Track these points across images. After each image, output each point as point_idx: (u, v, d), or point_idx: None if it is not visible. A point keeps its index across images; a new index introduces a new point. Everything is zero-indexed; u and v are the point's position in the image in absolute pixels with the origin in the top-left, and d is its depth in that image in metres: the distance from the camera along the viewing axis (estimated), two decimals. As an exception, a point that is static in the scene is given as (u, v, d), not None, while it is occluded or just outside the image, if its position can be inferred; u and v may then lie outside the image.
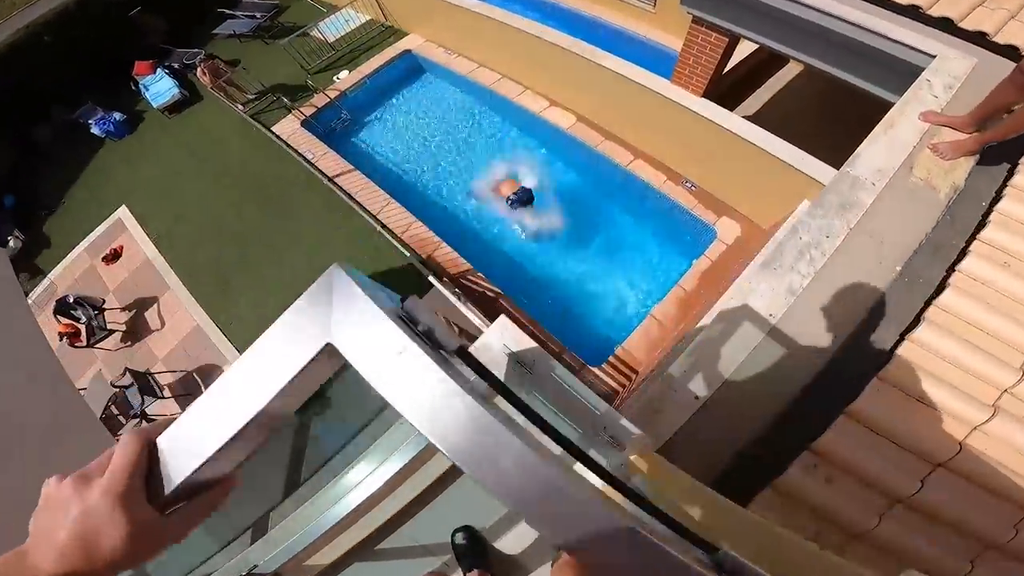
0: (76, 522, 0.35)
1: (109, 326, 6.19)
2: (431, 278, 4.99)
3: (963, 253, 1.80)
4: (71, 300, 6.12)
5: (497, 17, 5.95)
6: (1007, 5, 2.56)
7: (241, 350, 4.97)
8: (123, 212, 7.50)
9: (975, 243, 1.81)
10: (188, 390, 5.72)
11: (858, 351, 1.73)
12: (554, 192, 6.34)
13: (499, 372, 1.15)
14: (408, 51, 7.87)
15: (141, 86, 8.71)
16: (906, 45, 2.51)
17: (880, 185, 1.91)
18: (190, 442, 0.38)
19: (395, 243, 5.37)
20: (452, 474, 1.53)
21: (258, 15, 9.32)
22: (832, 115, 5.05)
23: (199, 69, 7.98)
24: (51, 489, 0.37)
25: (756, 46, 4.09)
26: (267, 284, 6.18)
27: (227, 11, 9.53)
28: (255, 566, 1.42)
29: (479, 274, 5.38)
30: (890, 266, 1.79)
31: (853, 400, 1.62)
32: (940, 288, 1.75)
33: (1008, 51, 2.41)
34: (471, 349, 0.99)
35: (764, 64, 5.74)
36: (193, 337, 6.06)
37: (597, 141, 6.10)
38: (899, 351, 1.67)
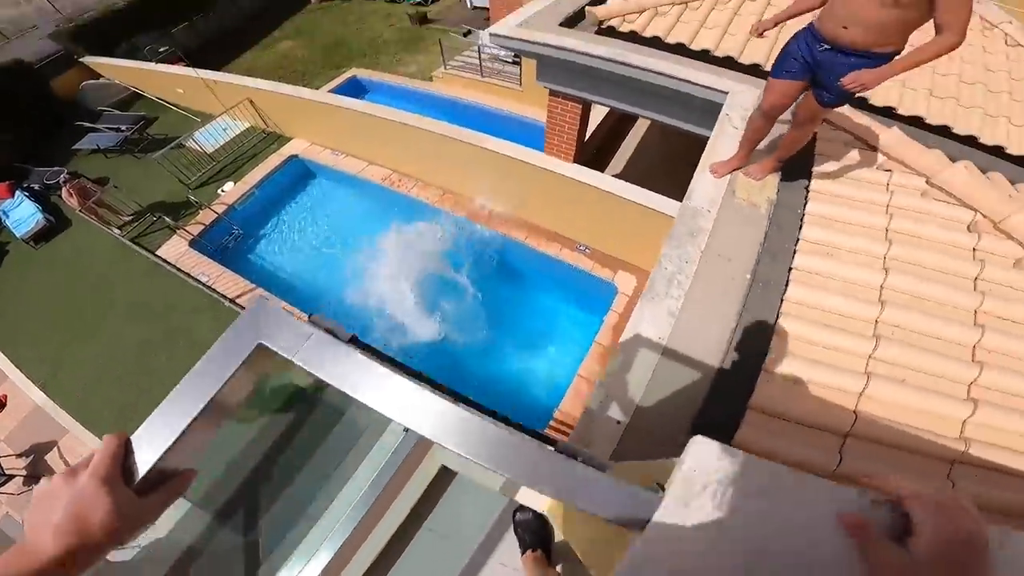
0: (69, 504, 0.41)
1: (8, 471, 5.40)
2: None
3: (794, 253, 2.15)
4: (-39, 451, 5.15)
5: (377, 114, 6.28)
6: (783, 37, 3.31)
7: None
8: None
9: (800, 243, 2.18)
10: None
11: (741, 351, 1.95)
12: (463, 280, 6.39)
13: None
14: (294, 156, 7.92)
15: (0, 212, 7.81)
16: (704, 86, 3.10)
17: (714, 211, 2.27)
18: (154, 437, 0.50)
19: None
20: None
21: (123, 127, 8.81)
22: (683, 158, 5.90)
23: (64, 190, 7.27)
24: (42, 486, 0.44)
25: (607, 110, 4.74)
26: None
27: (87, 124, 8.93)
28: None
29: (404, 365, 5.26)
30: (742, 276, 2.10)
31: (751, 395, 1.80)
32: (786, 285, 2.06)
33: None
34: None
35: (620, 124, 6.64)
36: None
37: (492, 222, 6.44)
38: (772, 343, 1.91)
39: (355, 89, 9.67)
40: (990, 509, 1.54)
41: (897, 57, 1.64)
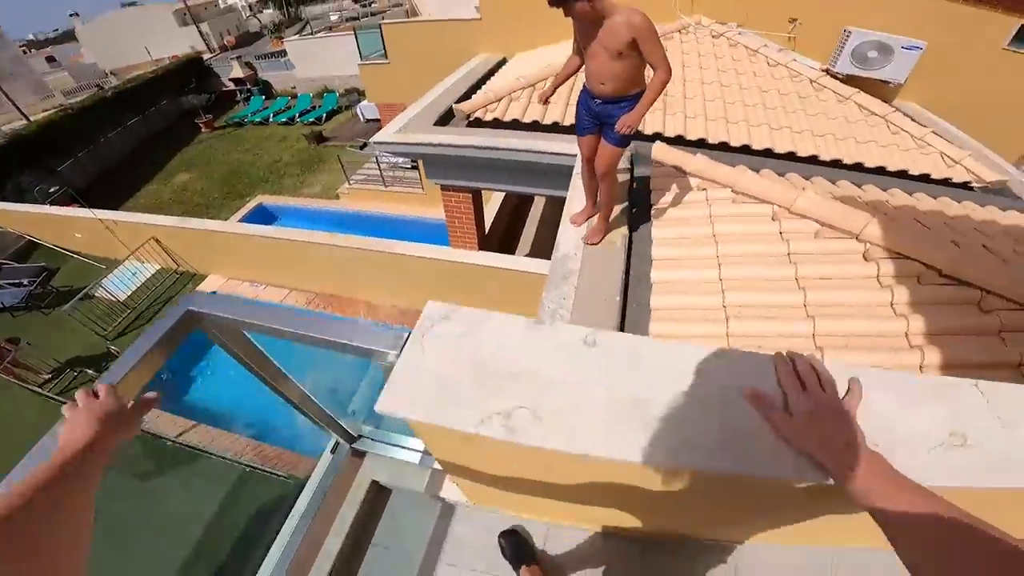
0: (88, 407, 0.65)
1: None
2: None
3: (649, 272, 2.56)
4: None
5: (287, 237, 6.56)
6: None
7: None
8: None
9: (653, 262, 2.60)
10: None
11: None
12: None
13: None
14: (213, 293, 7.90)
15: None
16: (555, 153, 3.70)
17: (579, 254, 2.67)
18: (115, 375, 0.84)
19: (267, 470, 5.14)
20: None
21: (25, 281, 8.48)
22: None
23: None
24: (70, 405, 0.66)
25: (503, 196, 5.32)
26: None
27: None
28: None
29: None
30: (612, 299, 2.45)
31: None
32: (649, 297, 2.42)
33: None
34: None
35: (522, 206, 7.33)
36: None
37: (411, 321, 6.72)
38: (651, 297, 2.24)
39: (263, 217, 9.99)
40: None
41: (643, 95, 2.13)
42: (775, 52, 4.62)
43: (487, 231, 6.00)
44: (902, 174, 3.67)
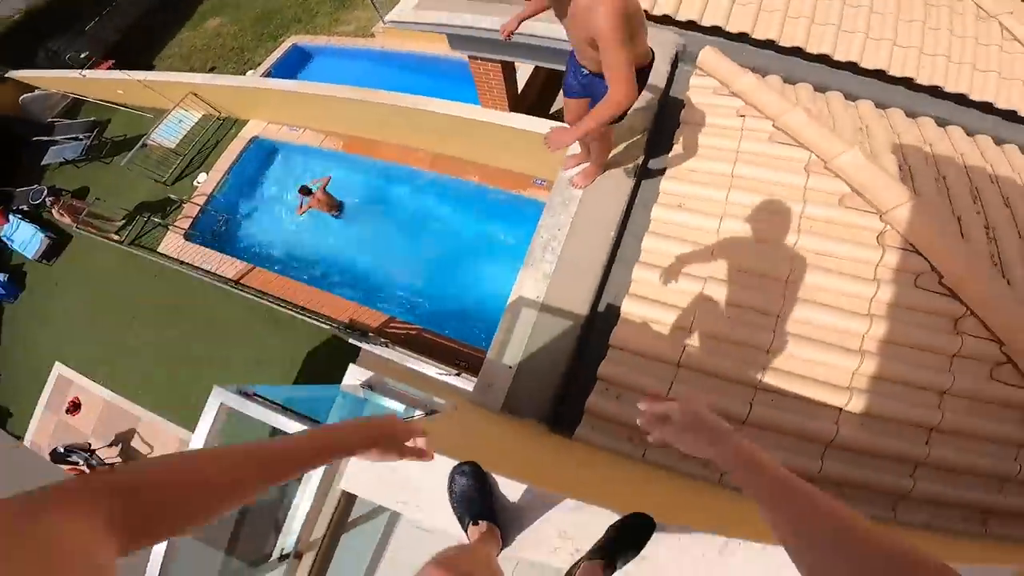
0: (393, 433, 0.73)
1: (107, 461, 6.44)
2: (352, 340, 5.44)
3: (652, 206, 2.51)
4: (62, 450, 6.30)
5: (318, 92, 6.39)
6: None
7: None
8: (60, 368, 7.36)
9: (659, 195, 2.52)
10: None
11: (606, 299, 2.40)
12: (435, 226, 6.90)
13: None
14: (255, 137, 8.09)
15: (4, 239, 8.34)
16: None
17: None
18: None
19: (316, 321, 5.78)
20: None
21: (80, 136, 9.07)
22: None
23: (55, 211, 7.77)
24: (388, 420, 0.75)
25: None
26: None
27: (45, 138, 9.19)
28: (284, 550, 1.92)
29: (396, 319, 5.96)
30: (606, 234, 2.47)
31: (611, 335, 2.26)
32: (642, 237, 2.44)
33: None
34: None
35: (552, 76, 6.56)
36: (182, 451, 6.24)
37: (454, 171, 6.73)
38: (631, 289, 2.34)
39: (299, 57, 9.52)
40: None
41: (587, 115, 1.75)
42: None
43: (519, 92, 5.61)
44: (1012, 115, 3.01)
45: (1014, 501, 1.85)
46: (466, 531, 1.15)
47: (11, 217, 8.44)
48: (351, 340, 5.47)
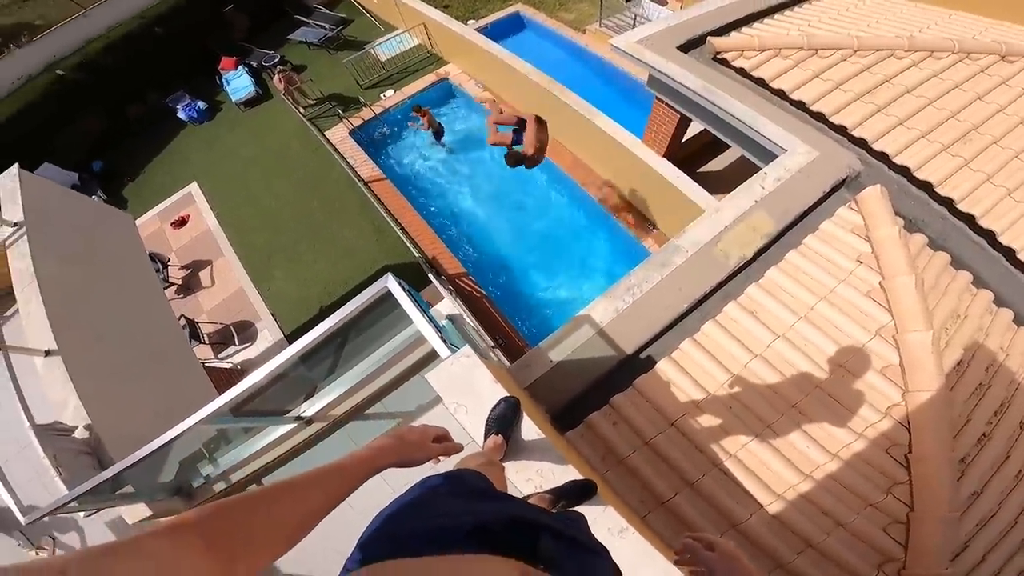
0: (400, 431, 0.81)
1: (171, 279, 7.54)
2: (431, 275, 6.17)
3: (732, 301, 2.81)
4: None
5: (515, 65, 7.12)
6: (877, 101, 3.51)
7: (274, 313, 6.38)
8: (194, 187, 8.95)
9: (742, 296, 2.82)
10: (223, 339, 6.97)
11: (650, 352, 2.77)
12: (545, 220, 7.45)
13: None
14: (446, 78, 9.12)
15: (224, 80, 10.23)
16: (768, 138, 3.49)
17: (691, 252, 2.91)
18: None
19: (408, 244, 6.57)
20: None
21: (327, 27, 10.67)
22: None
23: (276, 77, 9.30)
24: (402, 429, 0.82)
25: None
26: (303, 263, 7.53)
27: (301, 18, 10.96)
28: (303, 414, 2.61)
29: (471, 277, 6.55)
30: (680, 305, 2.82)
31: (637, 378, 2.65)
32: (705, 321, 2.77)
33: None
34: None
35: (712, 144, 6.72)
36: (236, 297, 7.40)
37: (585, 181, 7.21)
38: (673, 355, 2.70)
39: (515, 24, 10.39)
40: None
41: None
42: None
43: (678, 145, 5.89)
44: None
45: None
46: (485, 439, 1.62)
47: (240, 67, 10.34)
48: (430, 275, 6.19)
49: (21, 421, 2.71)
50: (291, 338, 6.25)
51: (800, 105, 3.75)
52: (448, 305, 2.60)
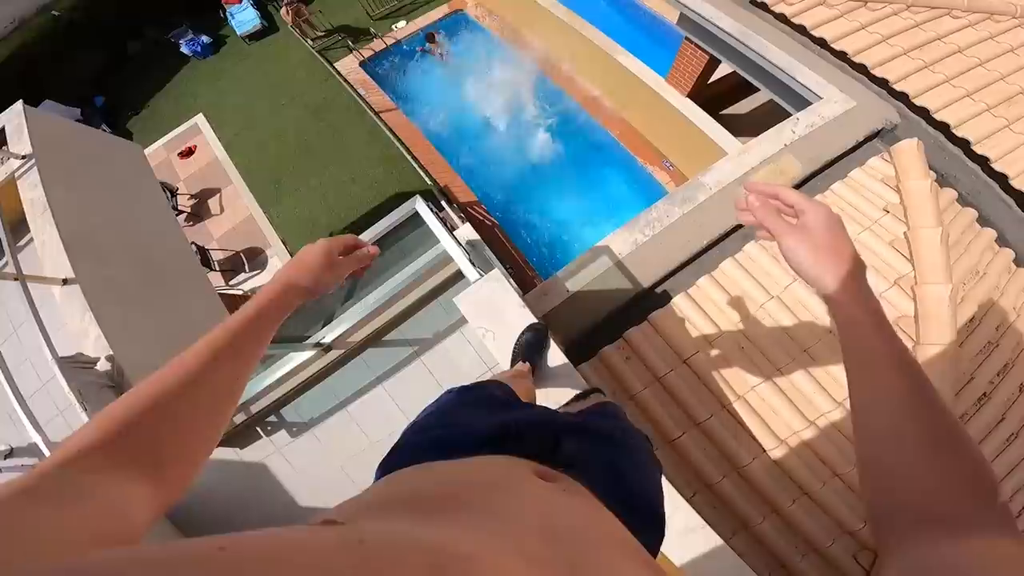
0: (301, 253, 0.64)
1: (180, 208, 7.54)
2: (443, 203, 6.11)
3: (753, 240, 2.79)
4: (153, 181, 7.56)
5: (543, 3, 6.79)
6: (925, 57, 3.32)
7: (283, 239, 6.37)
8: (199, 119, 8.73)
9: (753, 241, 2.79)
10: (234, 267, 7.04)
11: (665, 287, 2.79)
12: (558, 149, 7.33)
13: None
14: (462, 10, 8.65)
15: (228, 14, 9.69)
16: (803, 84, 3.35)
17: (715, 190, 2.88)
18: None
19: (420, 171, 6.48)
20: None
21: None
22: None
23: (283, 9, 8.83)
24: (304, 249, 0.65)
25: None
26: (311, 189, 7.51)
27: None
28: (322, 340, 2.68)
29: (482, 205, 6.54)
30: (700, 241, 2.81)
31: (651, 312, 2.68)
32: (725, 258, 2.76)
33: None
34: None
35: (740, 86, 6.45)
36: (245, 224, 7.41)
37: (600, 116, 7.02)
38: (689, 291, 2.72)
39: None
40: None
41: None
42: None
43: (703, 86, 5.68)
44: None
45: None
46: (512, 364, 1.65)
47: (244, 1, 9.75)
48: (442, 202, 6.13)
49: (42, 355, 2.51)
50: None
51: (841, 55, 3.56)
52: (468, 231, 2.59)
